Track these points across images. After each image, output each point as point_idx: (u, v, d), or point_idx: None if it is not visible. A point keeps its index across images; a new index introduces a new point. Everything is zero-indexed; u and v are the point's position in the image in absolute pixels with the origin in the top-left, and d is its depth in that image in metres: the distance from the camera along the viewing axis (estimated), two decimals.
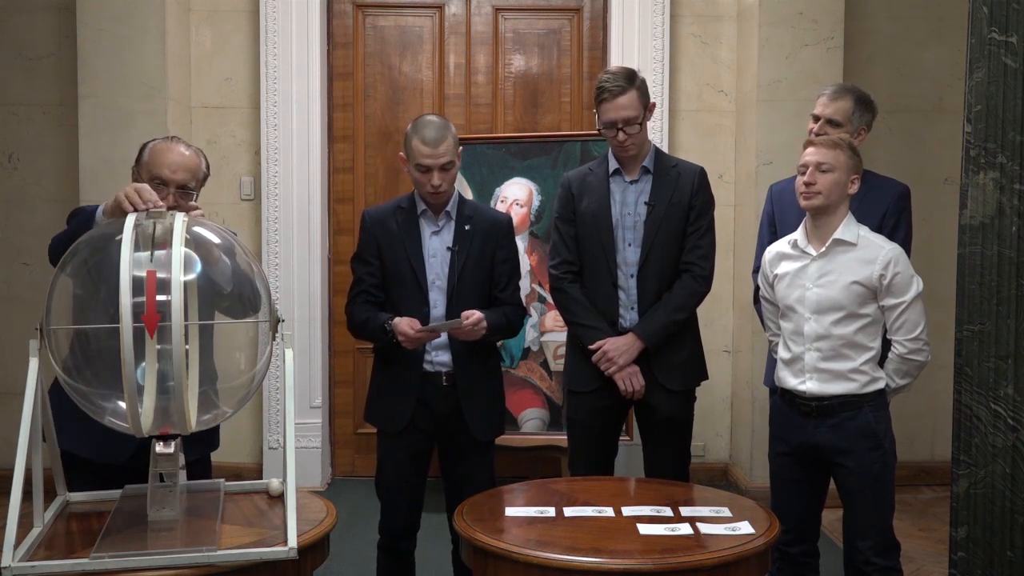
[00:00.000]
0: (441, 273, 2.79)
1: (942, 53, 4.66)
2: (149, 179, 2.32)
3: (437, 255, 2.81)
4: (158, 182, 2.31)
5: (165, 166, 2.34)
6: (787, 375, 2.66)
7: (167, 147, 2.38)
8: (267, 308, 1.95)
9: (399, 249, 2.79)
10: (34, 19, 4.53)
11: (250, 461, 4.62)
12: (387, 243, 2.81)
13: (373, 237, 2.83)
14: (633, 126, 2.85)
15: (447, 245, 2.80)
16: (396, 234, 2.80)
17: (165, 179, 2.33)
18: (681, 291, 2.92)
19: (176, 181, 2.34)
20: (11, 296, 4.59)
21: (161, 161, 2.35)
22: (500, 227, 2.87)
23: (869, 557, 2.58)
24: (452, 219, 2.82)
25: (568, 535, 2.12)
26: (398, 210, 2.85)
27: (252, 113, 4.60)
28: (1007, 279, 2.08)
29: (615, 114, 2.84)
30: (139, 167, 2.39)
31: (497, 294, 2.85)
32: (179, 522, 1.92)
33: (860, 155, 2.64)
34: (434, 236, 2.82)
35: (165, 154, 2.36)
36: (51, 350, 1.84)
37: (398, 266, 2.79)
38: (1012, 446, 2.06)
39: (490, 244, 2.83)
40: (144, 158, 2.38)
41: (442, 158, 2.73)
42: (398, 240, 2.80)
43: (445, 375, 2.78)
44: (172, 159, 2.35)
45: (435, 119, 2.81)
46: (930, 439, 4.76)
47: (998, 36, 2.06)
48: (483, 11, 4.73)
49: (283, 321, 1.99)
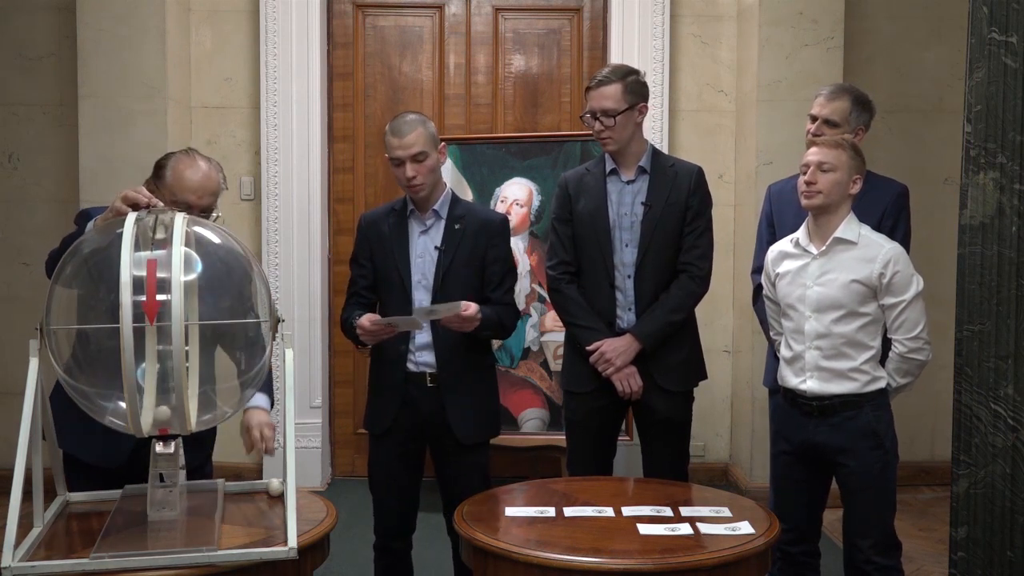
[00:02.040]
0: (427, 273, 2.78)
1: (942, 53, 4.66)
2: (171, 201, 2.26)
3: (424, 255, 2.79)
4: (183, 206, 2.23)
5: (191, 192, 2.29)
6: (788, 374, 2.66)
7: (190, 166, 2.31)
8: (267, 308, 1.95)
9: (388, 250, 2.80)
10: (34, 19, 4.53)
11: (250, 461, 4.61)
12: (378, 244, 2.82)
13: (366, 239, 2.85)
14: (609, 118, 2.85)
15: (435, 244, 2.78)
16: (386, 235, 2.81)
17: (191, 204, 2.27)
18: (678, 292, 2.92)
19: (202, 207, 2.30)
20: (11, 296, 4.59)
21: (186, 186, 2.29)
22: (492, 227, 2.84)
23: (870, 556, 2.58)
24: (442, 219, 2.80)
25: (568, 535, 2.12)
26: (391, 212, 2.85)
27: (252, 113, 4.60)
28: (1007, 279, 2.07)
29: (595, 103, 2.88)
30: (159, 183, 2.32)
31: (488, 294, 2.82)
32: (179, 522, 1.92)
33: (863, 155, 2.64)
34: (422, 236, 2.80)
35: (190, 177, 2.30)
36: (51, 350, 1.84)
37: (387, 267, 2.80)
38: (1012, 446, 2.06)
39: (481, 244, 2.80)
40: (167, 178, 2.31)
41: (411, 148, 2.69)
42: (387, 241, 2.80)
43: (429, 375, 2.77)
44: (197, 183, 2.30)
45: (408, 114, 2.78)
46: (930, 439, 4.76)
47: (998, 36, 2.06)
48: (483, 11, 4.72)
49: (283, 321, 2.00)
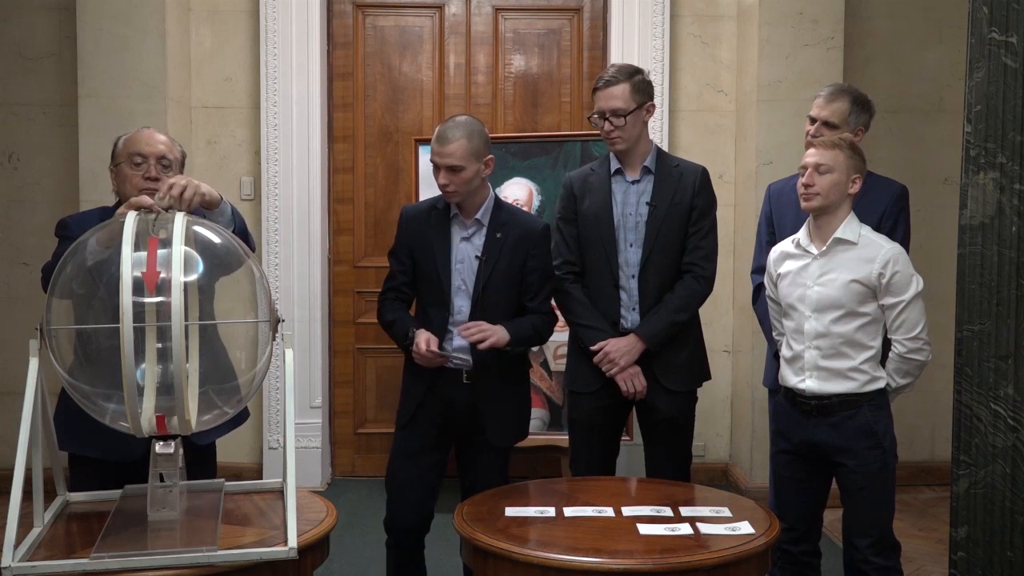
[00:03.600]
0: (468, 280, 2.76)
1: (942, 53, 4.66)
2: (127, 159, 2.42)
3: (465, 261, 2.77)
4: (137, 159, 2.41)
5: (142, 142, 2.45)
6: (788, 373, 2.66)
7: (138, 131, 2.51)
8: (267, 308, 1.95)
9: (428, 251, 2.78)
10: (34, 19, 4.53)
11: (250, 461, 4.62)
12: (418, 243, 2.80)
13: (406, 234, 2.83)
14: (619, 118, 2.86)
15: (476, 253, 2.76)
16: (427, 235, 2.78)
17: (144, 153, 2.43)
18: (683, 292, 2.92)
19: (155, 153, 2.43)
20: (11, 296, 4.59)
21: (136, 140, 2.46)
22: (533, 236, 2.80)
23: (868, 556, 2.58)
24: (483, 226, 2.77)
25: (568, 535, 2.12)
26: (433, 210, 2.82)
27: (252, 113, 4.60)
28: (1007, 279, 2.07)
29: (604, 103, 2.88)
30: (115, 158, 2.48)
31: (526, 302, 2.81)
32: (179, 522, 1.92)
33: (863, 154, 2.63)
34: (464, 242, 2.78)
35: (138, 135, 2.49)
36: (52, 351, 1.84)
37: (427, 267, 2.78)
38: (1012, 446, 2.06)
39: (521, 253, 2.77)
40: (118, 148, 2.49)
41: (448, 159, 2.67)
42: (427, 241, 2.78)
43: (466, 372, 2.76)
44: (147, 136, 2.48)
45: (458, 121, 2.73)
46: (930, 439, 4.76)
47: (998, 36, 2.06)
48: (483, 11, 4.72)
49: (283, 321, 2.00)
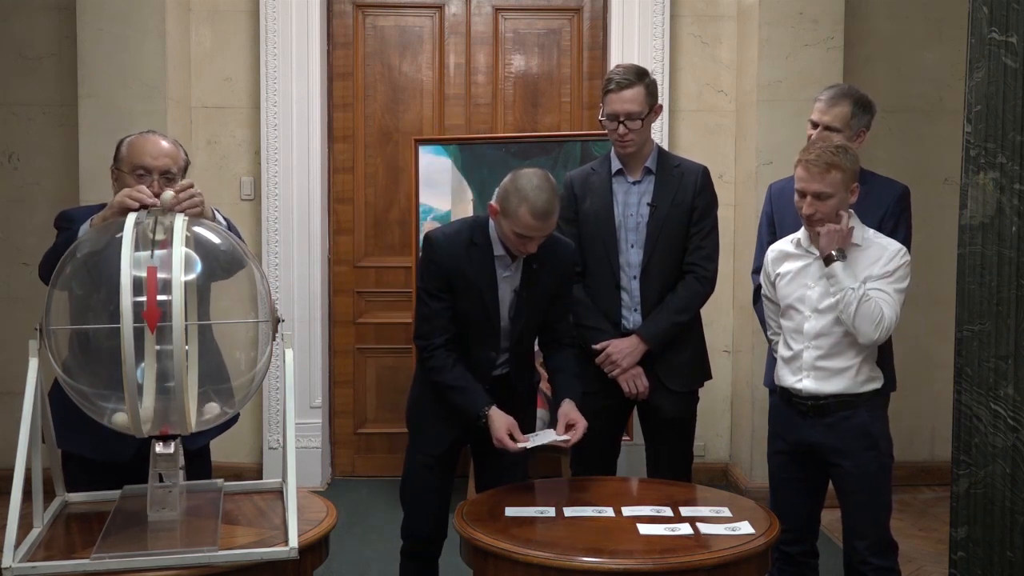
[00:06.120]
0: (506, 316, 2.67)
1: (942, 53, 4.65)
2: (131, 170, 2.36)
3: (506, 298, 2.66)
4: (140, 172, 2.35)
5: (146, 154, 2.37)
6: (786, 373, 2.66)
7: (144, 138, 2.43)
8: (267, 308, 1.95)
9: (473, 290, 2.61)
10: (34, 19, 4.53)
11: (250, 461, 4.61)
12: (459, 281, 2.61)
13: (443, 271, 2.60)
14: (635, 121, 2.84)
15: (514, 287, 2.66)
16: (470, 274, 2.60)
17: (148, 167, 2.36)
18: (684, 292, 2.92)
19: (159, 167, 2.36)
20: (11, 296, 4.59)
21: (141, 151, 2.38)
22: (565, 267, 2.73)
23: (866, 557, 2.58)
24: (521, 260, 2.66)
25: (568, 535, 2.13)
26: (471, 246, 2.62)
27: (252, 113, 4.60)
28: (1007, 279, 2.07)
29: (618, 106, 2.84)
30: (118, 163, 2.42)
31: (554, 324, 2.75)
32: (179, 522, 1.92)
33: (856, 156, 2.61)
34: (505, 280, 2.66)
35: (144, 144, 2.40)
36: (51, 350, 1.84)
37: (470, 306, 2.62)
38: (1012, 446, 2.06)
39: (552, 282, 2.69)
40: (122, 153, 2.42)
41: (548, 231, 2.56)
42: (473, 281, 2.61)
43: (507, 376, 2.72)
44: (152, 148, 2.40)
45: (547, 185, 2.50)
46: (930, 439, 4.75)
47: (998, 36, 2.06)
48: (483, 11, 4.72)
49: (283, 321, 2.00)
